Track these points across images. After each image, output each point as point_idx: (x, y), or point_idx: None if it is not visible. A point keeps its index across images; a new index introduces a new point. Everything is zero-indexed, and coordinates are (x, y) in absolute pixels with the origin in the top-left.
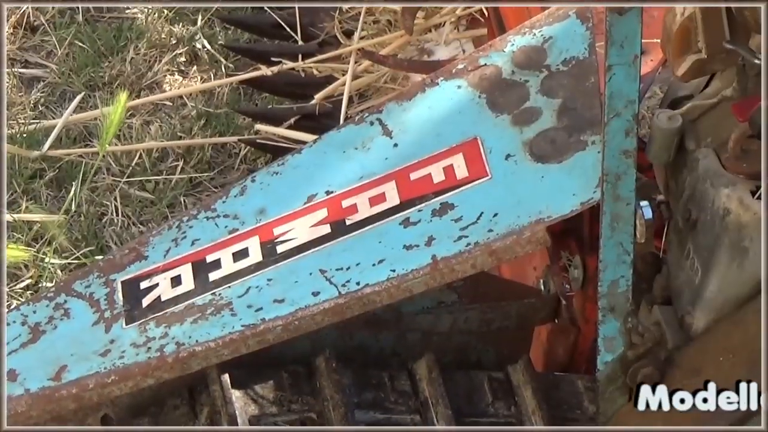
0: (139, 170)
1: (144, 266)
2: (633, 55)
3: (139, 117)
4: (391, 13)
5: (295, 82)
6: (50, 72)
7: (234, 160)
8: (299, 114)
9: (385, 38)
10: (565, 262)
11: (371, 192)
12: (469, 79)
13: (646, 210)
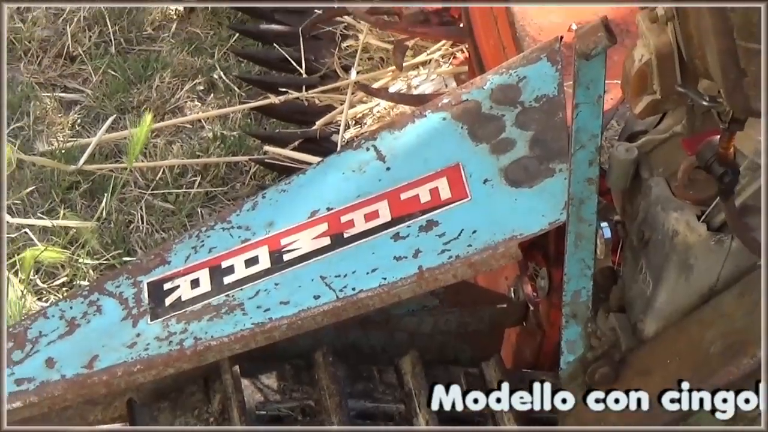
0: (162, 184)
1: (167, 270)
2: (597, 95)
3: (163, 137)
4: (384, 51)
5: (299, 109)
6: (86, 96)
7: (245, 176)
8: (302, 137)
9: (378, 73)
10: (533, 273)
11: (366, 209)
12: (452, 112)
13: (606, 230)
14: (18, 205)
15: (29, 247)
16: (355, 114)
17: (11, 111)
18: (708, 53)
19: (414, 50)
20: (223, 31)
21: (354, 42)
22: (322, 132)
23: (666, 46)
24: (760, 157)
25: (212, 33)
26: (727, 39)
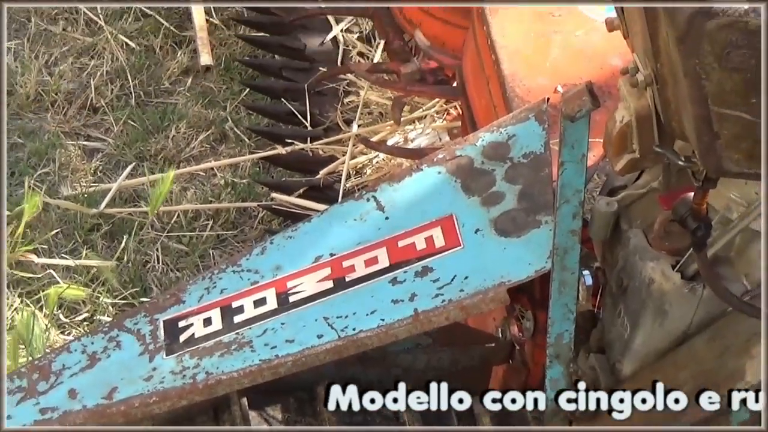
0: (177, 227)
1: (182, 309)
2: (581, 154)
3: (178, 184)
4: (383, 107)
5: (304, 159)
6: (108, 145)
7: (254, 221)
8: (307, 185)
9: (378, 127)
10: (519, 314)
11: (366, 255)
12: (447, 167)
13: (587, 278)
14: (43, 246)
15: (53, 284)
16: (356, 164)
17: (38, 158)
18: (684, 117)
19: (411, 106)
20: (235, 86)
21: (356, 98)
22: (325, 181)
23: (645, 109)
24: (731, 212)
25: (225, 87)
26: (702, 105)
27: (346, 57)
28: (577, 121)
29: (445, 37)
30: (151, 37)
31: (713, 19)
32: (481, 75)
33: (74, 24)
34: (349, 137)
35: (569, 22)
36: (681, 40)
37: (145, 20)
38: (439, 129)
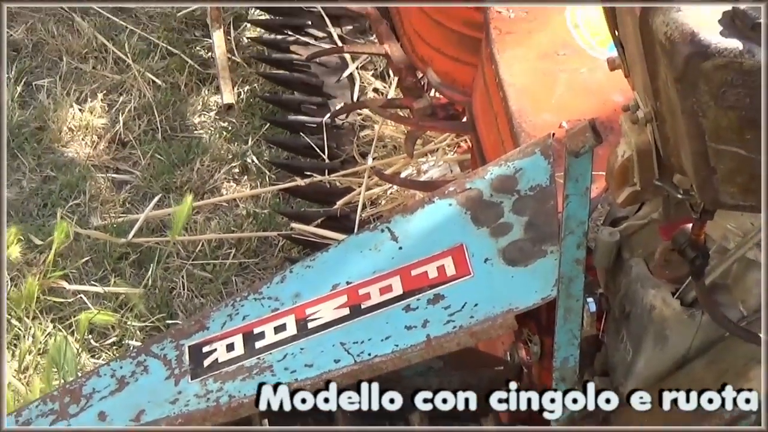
0: (201, 255)
1: (206, 335)
2: (585, 187)
3: (202, 214)
4: (397, 140)
5: (322, 191)
6: (135, 177)
7: (274, 249)
8: (325, 216)
9: (392, 159)
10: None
11: (381, 284)
12: (457, 199)
13: (592, 305)
14: (74, 273)
15: (84, 310)
16: (371, 195)
17: (70, 190)
18: (682, 153)
19: (423, 140)
20: (256, 121)
21: (371, 132)
22: (342, 211)
23: (645, 144)
24: (728, 241)
25: (246, 122)
26: (700, 142)
27: (361, 93)
28: (581, 156)
29: (455, 74)
30: (177, 75)
31: (709, 60)
32: (490, 111)
33: (103, 62)
34: (365, 170)
35: (573, 61)
36: (679, 80)
37: (170, 59)
38: (450, 161)
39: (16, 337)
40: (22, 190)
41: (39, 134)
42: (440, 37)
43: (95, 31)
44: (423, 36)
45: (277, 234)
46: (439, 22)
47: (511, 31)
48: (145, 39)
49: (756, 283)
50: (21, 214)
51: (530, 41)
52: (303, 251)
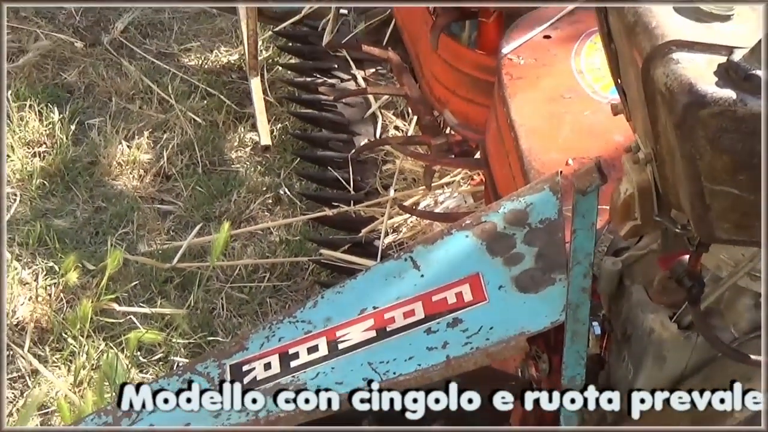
0: (238, 279)
1: (245, 355)
2: (591, 222)
3: (239, 241)
4: (416, 173)
5: (348, 220)
6: (178, 208)
7: (305, 273)
8: (351, 242)
9: (412, 191)
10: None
11: (405, 308)
12: (473, 231)
13: (596, 328)
14: (124, 296)
15: (133, 329)
16: (393, 224)
17: (119, 220)
18: (680, 191)
19: (440, 173)
20: (288, 156)
21: (392, 166)
22: (366, 238)
23: (646, 183)
24: (721, 271)
25: (279, 157)
26: (696, 182)
27: (383, 131)
28: (588, 194)
29: (469, 114)
30: (215, 114)
31: (706, 108)
32: (502, 149)
33: (149, 103)
34: (387, 200)
35: (578, 104)
36: (678, 126)
37: (209, 99)
38: (465, 192)
39: (72, 354)
40: (76, 220)
41: (91, 168)
42: (455, 80)
43: (141, 74)
44: (440, 79)
45: (307, 259)
46: (455, 67)
47: (522, 77)
48: (186, 81)
49: (746, 308)
50: (75, 241)
51: (539, 86)
52: (331, 275)
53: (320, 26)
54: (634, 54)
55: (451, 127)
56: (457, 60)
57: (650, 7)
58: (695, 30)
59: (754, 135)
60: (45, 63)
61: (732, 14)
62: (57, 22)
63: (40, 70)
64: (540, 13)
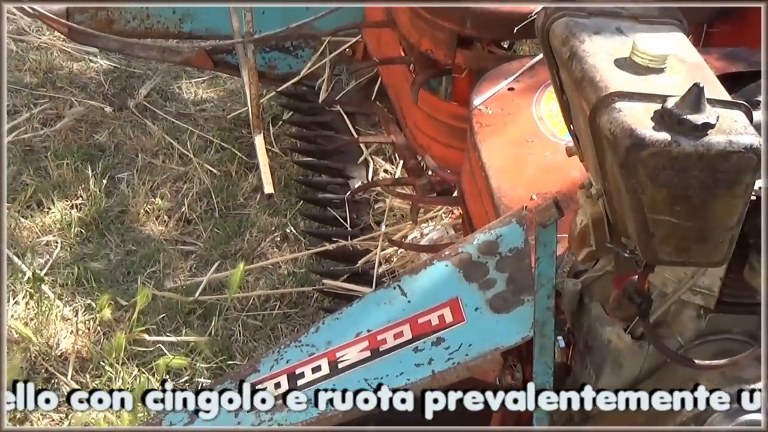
0: (253, 308)
1: (258, 376)
2: (552, 251)
3: (253, 275)
4: (404, 210)
5: (346, 253)
6: (199, 248)
7: (310, 300)
8: (349, 272)
9: (400, 226)
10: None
11: (395, 330)
12: (452, 261)
13: (561, 341)
14: (153, 327)
15: (162, 356)
16: (385, 255)
17: (147, 260)
18: (627, 221)
19: (425, 209)
20: (293, 199)
21: (383, 204)
22: (362, 268)
23: (598, 214)
24: (666, 287)
25: (285, 200)
26: (640, 213)
27: (374, 174)
28: (548, 227)
29: (448, 157)
30: (229, 165)
31: (645, 149)
32: (476, 188)
33: (170, 157)
34: (379, 235)
35: (540, 146)
36: (622, 166)
37: (223, 152)
38: (447, 225)
39: (109, 380)
40: (110, 262)
41: (121, 217)
42: (434, 128)
43: (163, 132)
44: (421, 128)
45: (312, 289)
46: (433, 117)
47: (490, 124)
48: (202, 137)
49: (690, 319)
50: (110, 281)
51: (505, 132)
52: (333, 301)
53: (317, 86)
54: (582, 104)
55: (432, 169)
56: (435, 111)
57: (594, 63)
58: (634, 82)
59: (687, 171)
60: (79, 126)
61: (665, 67)
62: (89, 90)
63: (75, 132)
64: (505, 69)
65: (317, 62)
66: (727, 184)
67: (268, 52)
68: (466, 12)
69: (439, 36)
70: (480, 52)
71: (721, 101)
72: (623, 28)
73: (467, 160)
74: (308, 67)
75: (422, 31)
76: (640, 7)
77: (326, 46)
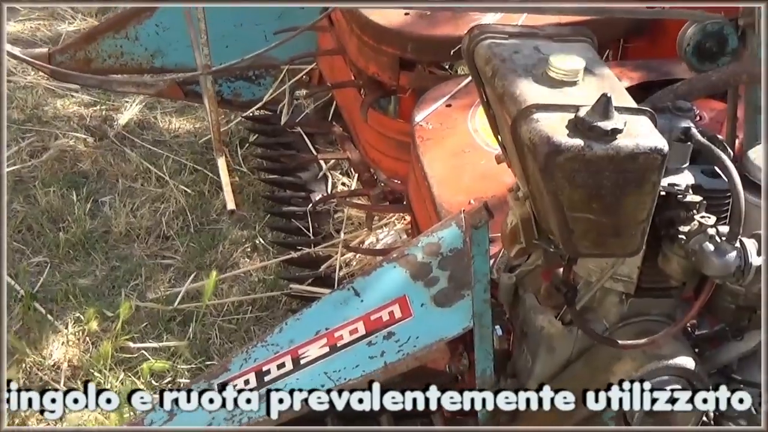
0: (227, 313)
1: (229, 374)
2: (485, 249)
3: (227, 283)
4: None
5: (310, 259)
6: (177, 261)
7: (280, 304)
8: (313, 277)
9: (358, 233)
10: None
11: (350, 327)
12: (400, 262)
13: (498, 330)
14: (137, 335)
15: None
16: (345, 259)
17: (130, 274)
18: (550, 220)
19: (379, 216)
20: (261, 213)
21: (342, 214)
22: (325, 273)
23: (526, 215)
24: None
25: (254, 214)
26: (560, 212)
27: (333, 187)
28: (480, 228)
29: (397, 169)
30: (201, 185)
31: (561, 155)
32: (420, 196)
33: (148, 180)
34: (339, 242)
35: (475, 156)
36: (542, 170)
37: (196, 173)
38: (399, 230)
39: (99, 384)
40: (96, 278)
41: (105, 236)
42: (384, 144)
43: (141, 158)
44: (372, 144)
45: (281, 293)
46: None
47: (431, 138)
48: (177, 161)
49: (613, 304)
50: (96, 295)
51: (444, 144)
52: (300, 304)
53: (278, 110)
54: (505, 116)
55: (383, 180)
56: (383, 128)
57: (514, 79)
58: (550, 95)
59: (600, 172)
60: (64, 156)
61: (577, 80)
62: (72, 123)
63: (60, 162)
64: (443, 87)
65: (278, 89)
66: (636, 183)
67: (234, 81)
68: (406, 38)
69: (383, 60)
70: (421, 74)
71: (628, 108)
72: (540, 47)
73: (412, 171)
74: (270, 93)
75: (368, 57)
76: (554, 28)
77: (285, 74)
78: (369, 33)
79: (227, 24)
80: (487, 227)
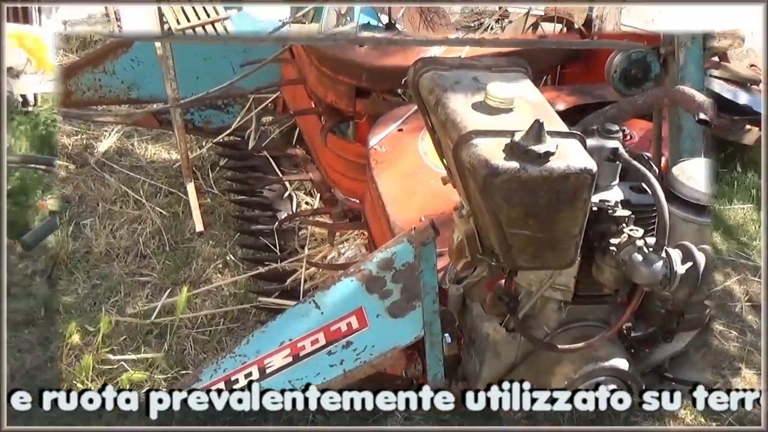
0: (201, 325)
1: (200, 384)
2: (433, 263)
3: (200, 297)
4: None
5: (277, 274)
6: (153, 278)
7: (249, 316)
8: (280, 290)
9: (321, 248)
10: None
11: (311, 338)
12: (356, 277)
13: (447, 338)
14: (117, 347)
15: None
16: (310, 273)
17: (110, 291)
18: (491, 236)
19: (340, 233)
20: (231, 232)
21: (306, 231)
22: (291, 286)
23: (470, 231)
24: (531, 287)
25: (224, 233)
26: (499, 229)
27: (298, 206)
28: (427, 244)
29: (354, 189)
30: (176, 207)
31: (499, 177)
32: (375, 214)
33: (127, 203)
34: (304, 257)
35: (425, 176)
36: (481, 191)
37: (171, 196)
38: (359, 245)
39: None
40: (79, 295)
41: (87, 256)
42: (342, 165)
43: (120, 183)
44: (332, 166)
45: (250, 306)
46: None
47: (384, 161)
48: (153, 185)
49: (552, 311)
50: (78, 311)
51: (396, 166)
52: (268, 315)
53: (246, 135)
54: (447, 142)
55: (341, 200)
56: (342, 151)
57: (455, 108)
58: (487, 121)
59: (535, 192)
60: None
61: (513, 107)
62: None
63: None
64: (395, 113)
65: (245, 116)
66: (568, 201)
67: (204, 110)
68: (361, 68)
69: (340, 89)
70: (376, 100)
71: (559, 132)
72: (478, 77)
73: (368, 191)
74: (238, 120)
75: (326, 86)
76: (491, 59)
77: (252, 103)
78: (327, 64)
79: (197, 58)
80: (434, 243)
